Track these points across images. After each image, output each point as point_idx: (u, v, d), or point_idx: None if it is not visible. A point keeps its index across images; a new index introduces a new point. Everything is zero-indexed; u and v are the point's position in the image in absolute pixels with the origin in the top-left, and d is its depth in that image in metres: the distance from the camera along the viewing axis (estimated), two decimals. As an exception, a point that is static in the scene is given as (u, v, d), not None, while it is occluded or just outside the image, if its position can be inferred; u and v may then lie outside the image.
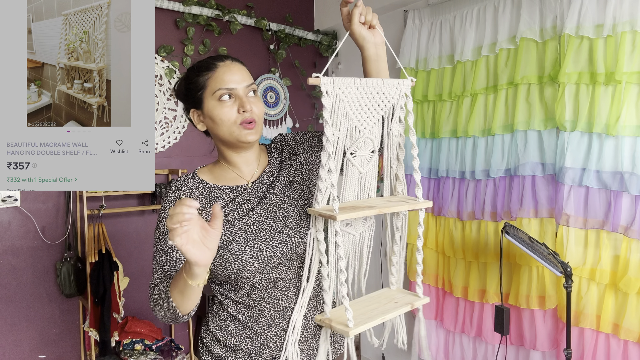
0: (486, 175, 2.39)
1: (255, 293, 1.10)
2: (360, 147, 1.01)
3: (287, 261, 1.10)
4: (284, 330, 1.12)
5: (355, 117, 0.99)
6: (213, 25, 2.85)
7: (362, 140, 1.01)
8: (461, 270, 2.53)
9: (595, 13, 1.96)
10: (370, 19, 1.06)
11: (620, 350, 1.95)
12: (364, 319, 0.97)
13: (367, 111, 1.00)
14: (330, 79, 0.94)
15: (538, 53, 2.20)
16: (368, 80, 0.98)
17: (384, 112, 1.02)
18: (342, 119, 0.97)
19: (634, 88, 1.89)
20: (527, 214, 2.24)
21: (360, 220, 1.07)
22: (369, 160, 1.04)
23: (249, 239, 1.07)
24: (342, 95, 0.96)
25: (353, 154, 1.01)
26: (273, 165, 1.19)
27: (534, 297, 2.20)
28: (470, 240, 2.47)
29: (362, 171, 1.03)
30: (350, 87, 0.96)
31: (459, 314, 2.57)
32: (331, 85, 0.94)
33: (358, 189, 1.05)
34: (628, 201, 1.92)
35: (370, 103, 1.00)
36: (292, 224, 1.11)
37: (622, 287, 1.90)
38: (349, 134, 0.99)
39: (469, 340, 2.56)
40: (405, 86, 1.03)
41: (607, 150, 1.95)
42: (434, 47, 2.62)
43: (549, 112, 2.16)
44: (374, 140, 1.03)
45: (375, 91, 0.99)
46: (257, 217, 1.10)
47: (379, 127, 1.03)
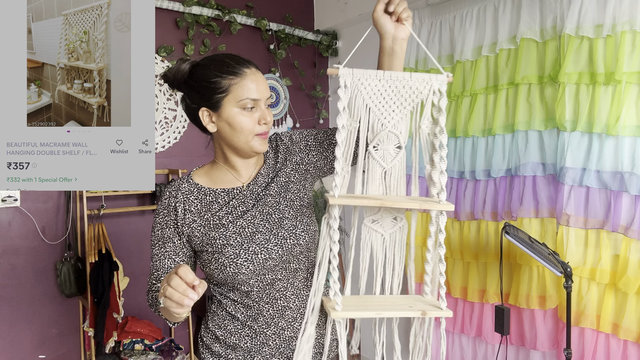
0: (487, 175, 2.39)
1: (254, 293, 1.10)
2: (382, 140, 0.97)
3: (283, 263, 1.09)
4: (283, 329, 1.12)
5: (377, 110, 0.95)
6: (213, 25, 2.85)
7: (385, 134, 0.97)
8: (459, 271, 2.53)
9: (595, 13, 1.96)
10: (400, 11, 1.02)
11: (620, 350, 1.96)
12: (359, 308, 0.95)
13: (392, 104, 0.96)
14: (350, 70, 0.91)
15: (538, 53, 2.20)
16: (393, 74, 0.94)
17: (412, 107, 0.97)
18: (361, 111, 0.94)
19: (634, 88, 1.89)
20: (528, 213, 2.24)
21: (388, 219, 1.03)
22: (393, 155, 0.99)
23: (244, 242, 1.06)
24: (362, 87, 0.93)
25: (375, 148, 0.97)
26: (268, 165, 1.17)
27: (534, 297, 2.20)
28: (469, 241, 2.47)
29: (386, 167, 0.99)
30: (372, 79, 0.93)
31: (457, 314, 2.57)
32: (350, 76, 0.91)
33: (383, 186, 1.00)
34: (628, 201, 1.93)
35: (397, 97, 0.95)
36: (287, 225, 1.10)
37: (621, 287, 1.90)
38: (370, 126, 0.96)
39: (469, 340, 2.56)
40: (438, 82, 0.95)
41: (607, 150, 1.95)
42: (434, 47, 2.62)
43: (550, 112, 2.16)
44: (399, 135, 0.98)
45: (401, 85, 0.94)
46: (252, 220, 1.09)
47: (407, 122, 0.98)
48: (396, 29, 1.03)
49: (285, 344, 1.13)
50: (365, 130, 0.96)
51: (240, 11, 2.94)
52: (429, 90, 0.95)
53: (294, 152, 1.18)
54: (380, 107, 0.95)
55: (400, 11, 1.01)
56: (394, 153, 0.99)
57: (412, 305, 0.99)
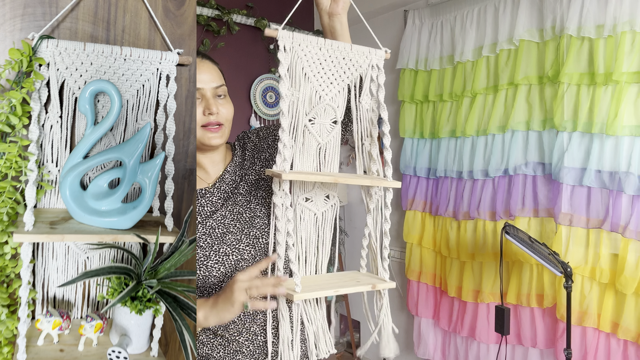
0: (485, 175, 2.38)
1: None
2: (319, 114, 0.93)
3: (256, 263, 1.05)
4: (255, 334, 1.07)
5: (315, 81, 0.91)
6: (213, 25, 2.85)
7: (322, 107, 0.92)
8: (456, 270, 2.53)
9: (597, 13, 1.96)
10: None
11: (620, 350, 1.95)
12: (316, 288, 0.93)
13: (330, 77, 0.92)
14: (289, 34, 0.86)
15: (538, 53, 2.20)
16: (334, 43, 0.90)
17: (350, 80, 0.94)
18: (301, 79, 0.89)
19: (633, 88, 1.89)
20: (527, 213, 2.23)
21: (321, 197, 0.99)
22: (329, 130, 0.95)
23: (214, 244, 1.02)
24: (302, 54, 0.88)
25: (311, 121, 0.92)
26: (235, 163, 1.13)
27: (532, 295, 2.20)
28: (465, 240, 2.46)
29: (321, 141, 0.95)
30: (313, 46, 0.88)
31: (453, 313, 2.57)
32: (290, 40, 0.86)
33: (317, 160, 0.96)
34: (626, 201, 1.92)
35: (336, 68, 0.92)
36: (259, 224, 1.06)
37: (619, 287, 1.90)
38: (307, 97, 0.91)
39: (462, 340, 2.56)
40: (377, 57, 0.94)
41: (606, 150, 1.95)
42: (435, 48, 2.62)
43: (549, 112, 2.16)
44: (337, 109, 0.94)
45: (341, 56, 0.91)
46: (222, 220, 1.05)
47: (344, 96, 0.95)
48: (332, 3, 0.99)
49: (259, 350, 1.08)
50: (303, 102, 0.91)
51: (240, 11, 2.93)
52: (367, 64, 0.94)
53: (262, 149, 1.14)
54: (318, 78, 0.91)
55: None
56: (330, 128, 0.96)
57: (358, 280, 0.99)
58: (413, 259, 2.76)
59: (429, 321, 2.73)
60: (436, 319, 2.70)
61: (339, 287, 0.92)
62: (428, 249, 2.70)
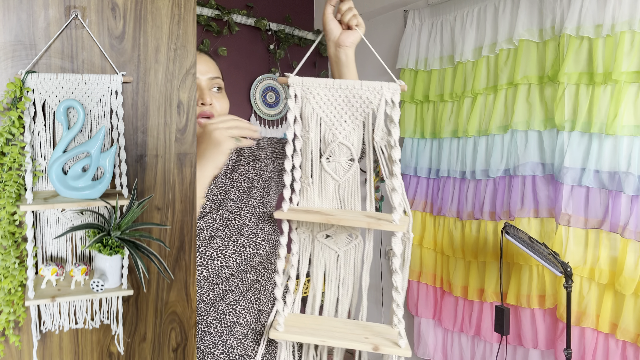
0: (486, 175, 2.37)
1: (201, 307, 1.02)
2: (334, 152, 0.91)
3: (240, 273, 1.03)
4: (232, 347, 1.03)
5: (329, 121, 0.89)
6: (213, 25, 2.84)
7: (336, 146, 0.90)
8: (461, 270, 2.52)
9: (596, 13, 1.95)
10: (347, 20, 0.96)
11: (618, 351, 1.94)
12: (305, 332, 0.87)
13: (343, 115, 0.89)
14: (300, 79, 0.86)
15: (538, 53, 2.19)
16: (343, 82, 0.87)
17: (364, 118, 0.88)
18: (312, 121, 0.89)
19: (632, 88, 1.88)
20: (527, 213, 2.22)
21: (343, 236, 0.95)
22: (346, 168, 0.92)
23: (200, 246, 1.00)
24: (311, 97, 0.87)
25: (328, 160, 0.91)
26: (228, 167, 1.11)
27: (533, 296, 2.19)
28: (469, 240, 2.45)
29: (339, 180, 0.92)
30: (322, 88, 0.87)
31: (457, 313, 2.55)
32: (300, 86, 0.87)
33: (337, 200, 0.93)
34: (626, 201, 1.91)
35: (347, 107, 0.88)
36: (247, 233, 1.03)
37: (618, 287, 1.89)
38: (322, 137, 0.90)
39: (468, 339, 2.55)
40: (390, 91, 0.85)
41: (606, 150, 1.94)
42: (435, 48, 2.61)
43: (549, 112, 2.15)
44: (352, 147, 0.90)
45: (351, 94, 0.87)
46: (212, 223, 1.02)
47: (359, 134, 0.90)
48: (340, 35, 0.97)
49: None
50: (318, 141, 0.90)
51: (240, 11, 2.93)
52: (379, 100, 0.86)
53: (259, 158, 1.12)
54: (331, 117, 0.89)
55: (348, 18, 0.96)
56: (347, 166, 0.92)
57: (368, 336, 0.88)
58: (413, 259, 2.75)
59: (429, 321, 2.73)
60: (437, 319, 2.70)
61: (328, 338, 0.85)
62: (428, 249, 2.69)
